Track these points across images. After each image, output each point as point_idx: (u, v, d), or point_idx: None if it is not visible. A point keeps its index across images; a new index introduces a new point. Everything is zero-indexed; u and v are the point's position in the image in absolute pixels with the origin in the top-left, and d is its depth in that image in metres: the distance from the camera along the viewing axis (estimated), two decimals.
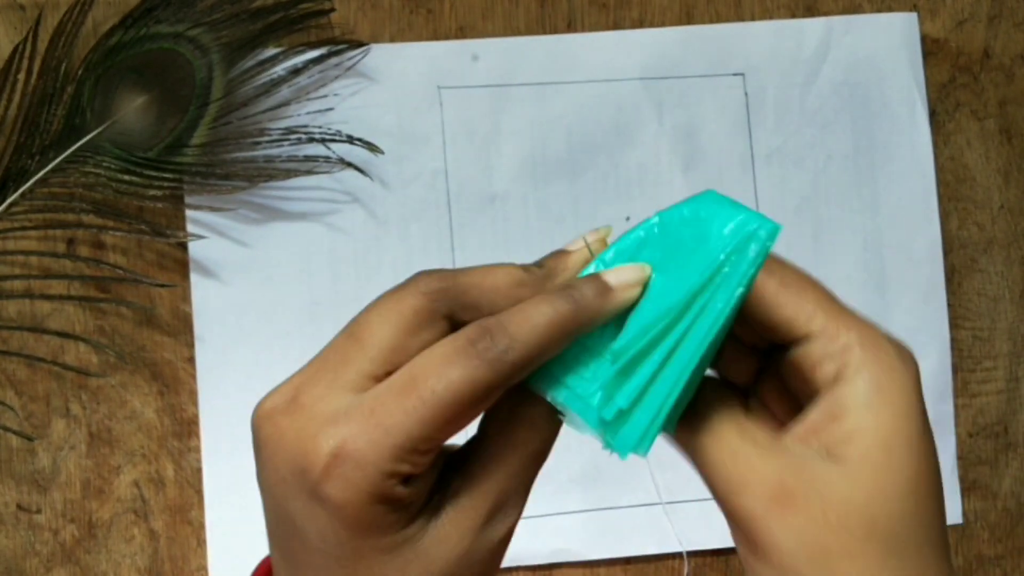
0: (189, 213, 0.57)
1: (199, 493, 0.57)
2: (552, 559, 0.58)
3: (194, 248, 0.57)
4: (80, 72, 0.56)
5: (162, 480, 0.57)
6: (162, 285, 0.57)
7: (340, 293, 0.58)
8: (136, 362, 0.57)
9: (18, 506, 0.56)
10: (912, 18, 0.61)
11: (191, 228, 0.57)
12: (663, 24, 0.60)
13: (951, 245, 0.61)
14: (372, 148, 0.57)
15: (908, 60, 0.61)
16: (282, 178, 0.57)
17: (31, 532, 0.56)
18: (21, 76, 0.56)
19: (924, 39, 0.61)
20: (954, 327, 0.61)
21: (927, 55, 0.61)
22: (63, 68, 0.56)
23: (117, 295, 0.57)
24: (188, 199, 0.57)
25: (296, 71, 0.57)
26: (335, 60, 0.58)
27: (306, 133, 0.57)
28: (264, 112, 0.57)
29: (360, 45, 0.58)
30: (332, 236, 0.58)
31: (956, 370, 0.61)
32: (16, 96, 0.56)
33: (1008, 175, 0.62)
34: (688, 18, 0.60)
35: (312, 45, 0.57)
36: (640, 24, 0.60)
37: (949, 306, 0.61)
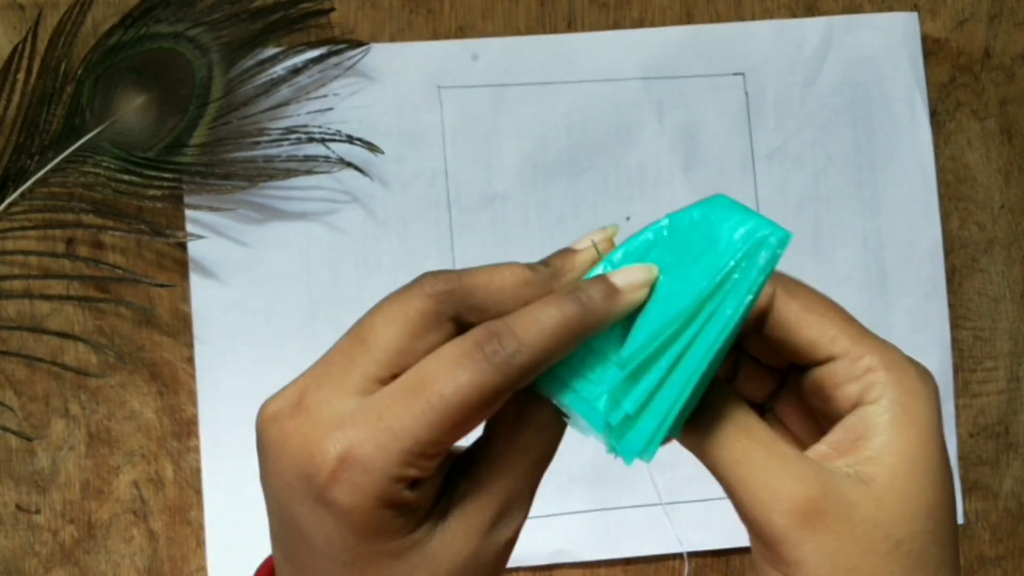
0: (188, 213, 0.57)
1: (198, 493, 0.57)
2: (552, 560, 0.58)
3: (193, 248, 0.57)
4: (80, 72, 0.56)
5: (161, 480, 0.57)
6: (161, 285, 0.56)
7: (340, 293, 0.58)
8: (135, 362, 0.57)
9: (17, 506, 0.56)
10: (913, 18, 0.61)
11: (190, 228, 0.57)
12: (663, 24, 0.60)
13: (952, 245, 0.61)
14: (372, 148, 0.57)
15: (909, 60, 0.61)
16: (282, 178, 0.57)
17: (30, 532, 0.56)
18: (20, 76, 0.56)
19: (925, 39, 0.61)
20: (955, 327, 0.61)
21: (928, 55, 0.61)
22: (63, 68, 0.56)
23: (116, 295, 0.57)
24: (187, 199, 0.56)
25: (296, 71, 0.57)
26: (335, 60, 0.58)
27: (306, 133, 0.57)
28: (264, 112, 0.57)
29: (360, 45, 0.58)
30: (332, 236, 0.58)
31: (957, 370, 0.61)
32: (15, 96, 0.56)
33: (1009, 175, 0.62)
34: (688, 18, 0.60)
35: (312, 45, 0.57)
36: (640, 24, 0.60)
37: (950, 306, 0.61)
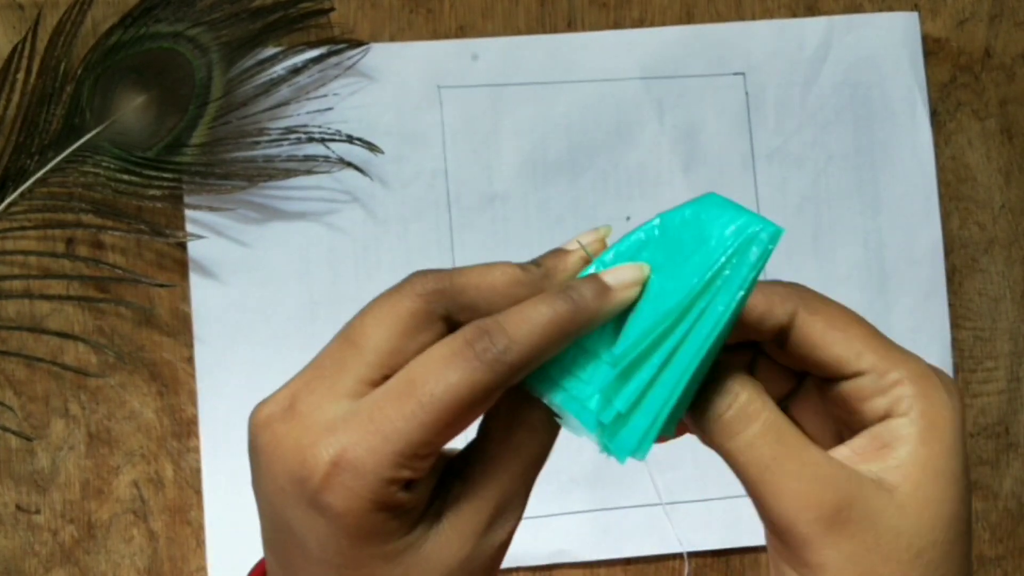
0: (188, 213, 0.57)
1: (198, 493, 0.57)
2: (552, 560, 0.58)
3: (193, 248, 0.57)
4: (79, 72, 0.56)
5: (161, 480, 0.57)
6: (161, 285, 0.56)
7: (339, 293, 0.58)
8: (135, 362, 0.57)
9: (17, 506, 0.56)
10: (913, 17, 0.61)
11: (190, 228, 0.57)
12: (663, 23, 0.60)
13: (952, 245, 0.61)
14: (372, 148, 0.57)
15: (909, 60, 0.61)
16: (281, 178, 0.57)
17: (30, 532, 0.56)
18: (20, 76, 0.56)
19: (925, 39, 0.61)
20: (955, 327, 0.61)
21: (928, 55, 0.61)
22: (62, 68, 0.56)
23: (116, 295, 0.57)
24: (187, 199, 0.56)
25: (296, 70, 0.57)
26: (335, 59, 0.58)
27: (306, 133, 0.57)
28: (263, 112, 0.57)
29: (360, 44, 0.58)
30: (331, 236, 0.58)
31: (957, 370, 0.61)
32: (15, 96, 0.56)
33: (1009, 175, 0.62)
34: (688, 17, 0.60)
35: (312, 44, 0.57)
36: (640, 23, 0.60)
37: (950, 306, 0.61)
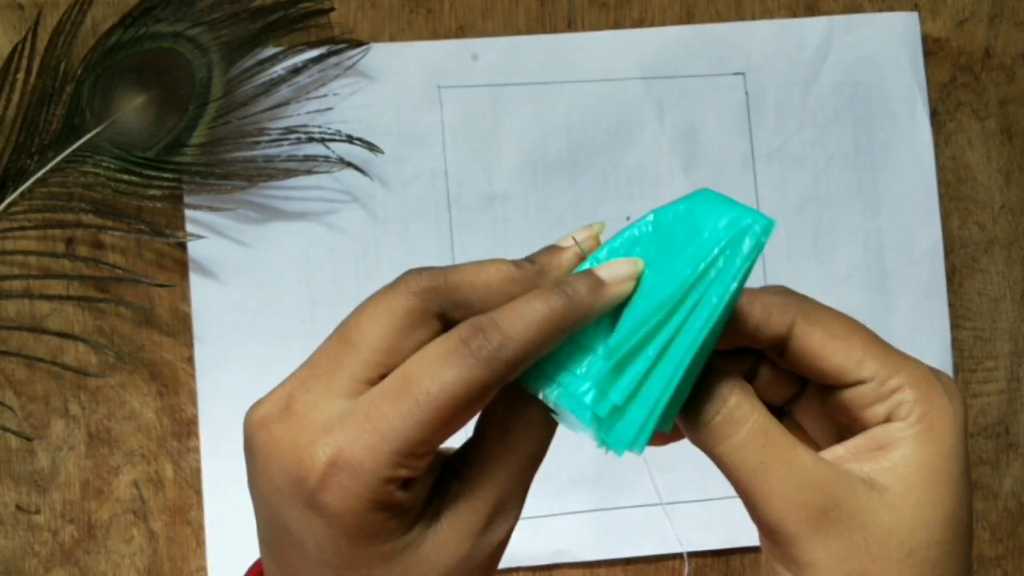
0: (188, 213, 0.57)
1: (198, 493, 0.57)
2: (552, 560, 0.58)
3: (193, 248, 0.57)
4: (79, 72, 0.56)
5: (161, 480, 0.57)
6: (161, 285, 0.56)
7: (340, 293, 0.58)
8: (135, 362, 0.57)
9: (17, 506, 0.56)
10: (913, 17, 0.61)
11: (190, 228, 0.57)
12: (663, 23, 0.60)
13: (952, 245, 0.61)
14: (372, 148, 0.57)
15: (909, 60, 0.61)
16: (281, 178, 0.57)
17: (30, 533, 0.56)
18: (20, 76, 0.56)
19: (925, 38, 0.61)
20: (955, 327, 0.61)
21: (928, 55, 0.61)
22: (62, 68, 0.56)
23: (116, 295, 0.57)
24: (187, 199, 0.56)
25: (296, 70, 0.57)
26: (335, 59, 0.58)
27: (305, 133, 0.57)
28: (263, 112, 0.57)
29: (360, 44, 0.58)
30: (332, 236, 0.58)
31: (957, 370, 0.61)
32: (15, 96, 0.56)
33: (1009, 175, 0.62)
34: (688, 17, 0.60)
35: (312, 44, 0.57)
36: (640, 23, 0.60)
37: (950, 306, 0.61)
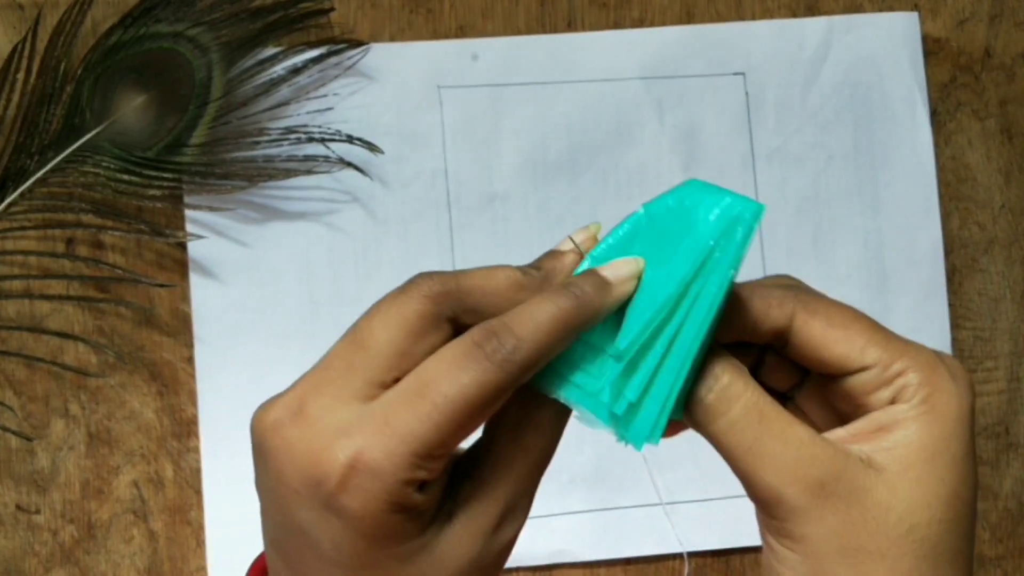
0: (188, 213, 0.57)
1: (198, 493, 0.57)
2: (552, 560, 0.58)
3: (193, 248, 0.57)
4: (79, 72, 0.56)
5: (161, 480, 0.57)
6: (161, 285, 0.56)
7: (340, 293, 0.58)
8: (135, 362, 0.57)
9: (17, 506, 0.56)
10: (913, 17, 0.61)
11: (190, 228, 0.57)
12: (663, 23, 0.60)
13: (952, 245, 0.61)
14: (372, 148, 0.57)
15: (909, 60, 0.61)
16: (281, 178, 0.57)
17: (30, 532, 0.56)
18: (20, 76, 0.56)
19: (925, 38, 0.61)
20: (955, 327, 0.61)
21: (928, 55, 0.61)
22: (62, 68, 0.56)
23: (116, 295, 0.57)
24: (187, 199, 0.56)
25: (296, 70, 0.57)
26: (335, 59, 0.58)
27: (305, 133, 0.57)
28: (263, 112, 0.57)
29: (360, 44, 0.58)
30: (332, 236, 0.58)
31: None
32: (15, 96, 0.56)
33: (1009, 175, 0.62)
34: (688, 17, 0.60)
35: (312, 44, 0.57)
36: (640, 23, 0.60)
37: (950, 306, 0.61)
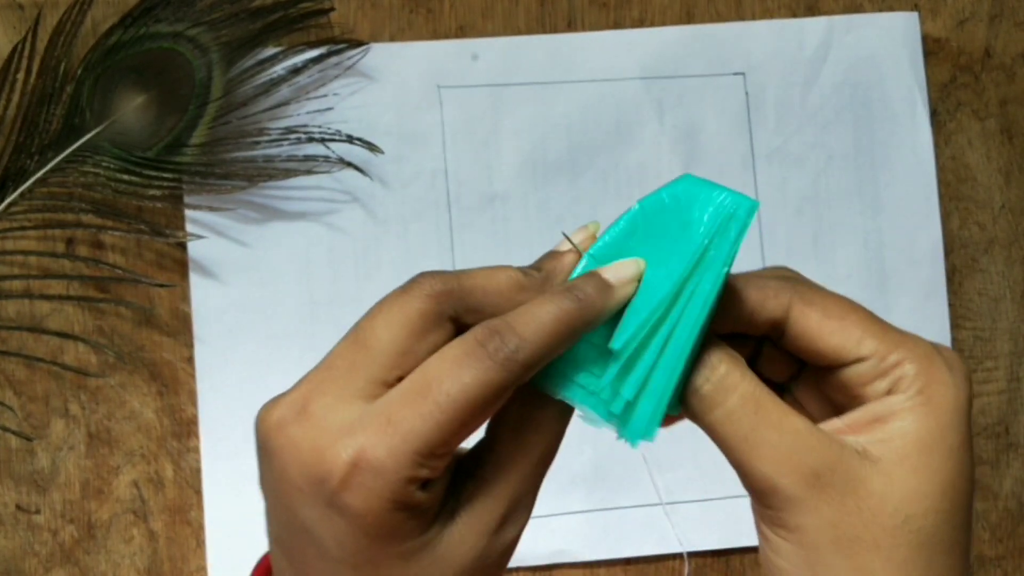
0: (188, 213, 0.57)
1: (198, 493, 0.57)
2: (552, 560, 0.58)
3: (193, 248, 0.57)
4: (79, 72, 0.56)
5: (161, 480, 0.57)
6: (161, 285, 0.56)
7: (340, 293, 0.58)
8: (135, 362, 0.57)
9: (17, 506, 0.56)
10: (913, 17, 0.61)
11: (190, 228, 0.57)
12: (663, 23, 0.60)
13: (952, 245, 0.61)
14: (372, 148, 0.57)
15: (909, 60, 0.61)
16: (281, 178, 0.57)
17: (30, 533, 0.56)
18: (20, 76, 0.56)
19: (925, 38, 0.61)
20: (955, 327, 0.61)
21: (928, 55, 0.61)
22: (62, 68, 0.56)
23: (116, 295, 0.57)
24: (187, 199, 0.56)
25: (296, 70, 0.57)
26: (335, 59, 0.58)
27: (306, 133, 0.57)
28: (263, 112, 0.57)
29: (360, 44, 0.58)
30: (332, 236, 0.58)
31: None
32: (15, 96, 0.56)
33: (1009, 175, 0.62)
34: (689, 17, 0.60)
35: (312, 44, 0.57)
36: (640, 23, 0.60)
37: (950, 306, 0.61)
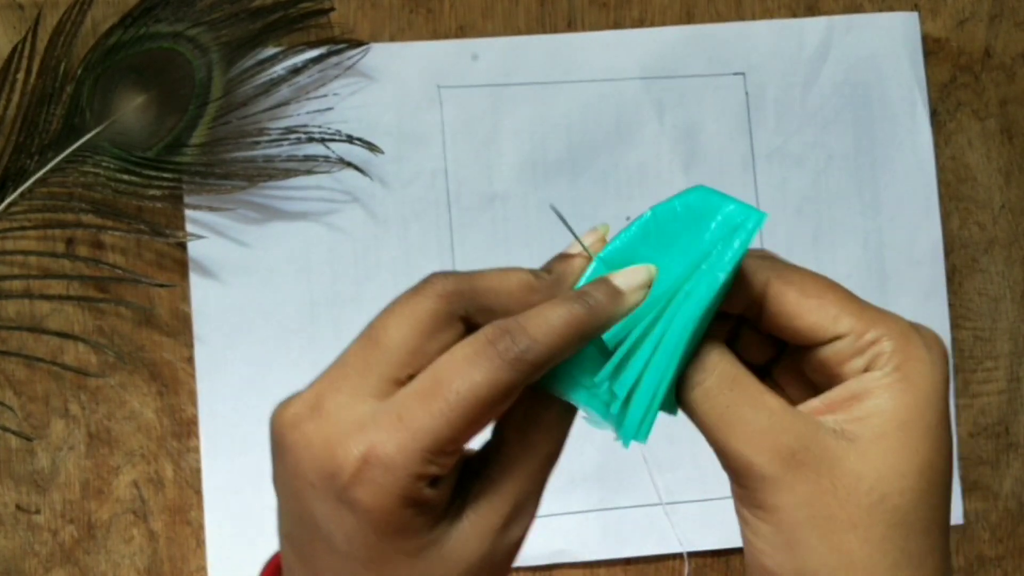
0: (188, 213, 0.57)
1: (198, 493, 0.57)
2: (552, 560, 0.58)
3: (193, 248, 0.57)
4: (79, 72, 0.56)
5: (161, 480, 0.57)
6: (161, 285, 0.56)
7: (340, 293, 0.58)
8: (135, 362, 0.57)
9: (17, 506, 0.56)
10: (913, 17, 0.61)
11: (190, 228, 0.57)
12: (663, 23, 0.60)
13: (952, 245, 0.61)
14: (372, 148, 0.57)
15: (909, 60, 0.61)
16: (281, 178, 0.57)
17: (30, 533, 0.56)
18: (20, 76, 0.56)
19: (925, 38, 0.61)
20: (955, 327, 0.61)
21: (928, 54, 0.61)
22: (62, 68, 0.56)
23: (116, 295, 0.57)
24: (187, 199, 0.56)
25: (296, 70, 0.57)
26: (335, 59, 0.58)
27: (305, 133, 0.57)
28: (263, 112, 0.57)
29: (360, 44, 0.58)
30: (332, 236, 0.58)
31: (957, 370, 0.61)
32: (15, 96, 0.56)
33: (1009, 175, 0.62)
34: (689, 17, 0.60)
35: (312, 44, 0.57)
36: (640, 23, 0.60)
37: (950, 306, 0.61)
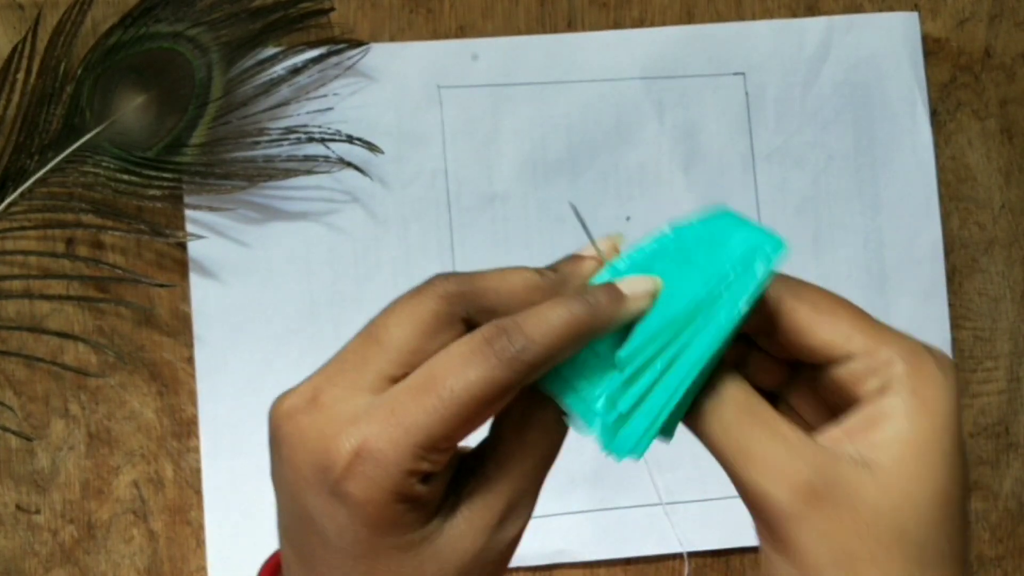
0: (188, 213, 0.57)
1: (198, 493, 0.57)
2: (552, 560, 0.58)
3: (193, 248, 0.57)
4: (79, 72, 0.56)
5: (161, 480, 0.57)
6: (161, 285, 0.56)
7: (340, 293, 0.58)
8: (135, 362, 0.57)
9: (17, 506, 0.56)
10: (913, 17, 0.61)
11: (190, 228, 0.57)
12: (664, 23, 0.60)
13: (952, 245, 0.61)
14: (372, 148, 0.57)
15: (909, 60, 0.61)
16: (281, 178, 0.57)
17: (30, 533, 0.56)
18: (20, 76, 0.56)
19: (925, 38, 0.61)
20: (955, 327, 0.61)
21: (928, 54, 0.61)
22: (62, 68, 0.56)
23: (116, 295, 0.57)
24: (187, 199, 0.56)
25: (296, 70, 0.57)
26: (335, 59, 0.58)
27: (306, 133, 0.57)
28: (263, 112, 0.57)
29: (360, 44, 0.58)
30: (332, 236, 0.58)
31: (957, 370, 0.61)
32: (15, 96, 0.56)
33: (1009, 175, 0.62)
34: (689, 17, 0.60)
35: (312, 44, 0.57)
36: (640, 23, 0.60)
37: (950, 306, 0.61)
